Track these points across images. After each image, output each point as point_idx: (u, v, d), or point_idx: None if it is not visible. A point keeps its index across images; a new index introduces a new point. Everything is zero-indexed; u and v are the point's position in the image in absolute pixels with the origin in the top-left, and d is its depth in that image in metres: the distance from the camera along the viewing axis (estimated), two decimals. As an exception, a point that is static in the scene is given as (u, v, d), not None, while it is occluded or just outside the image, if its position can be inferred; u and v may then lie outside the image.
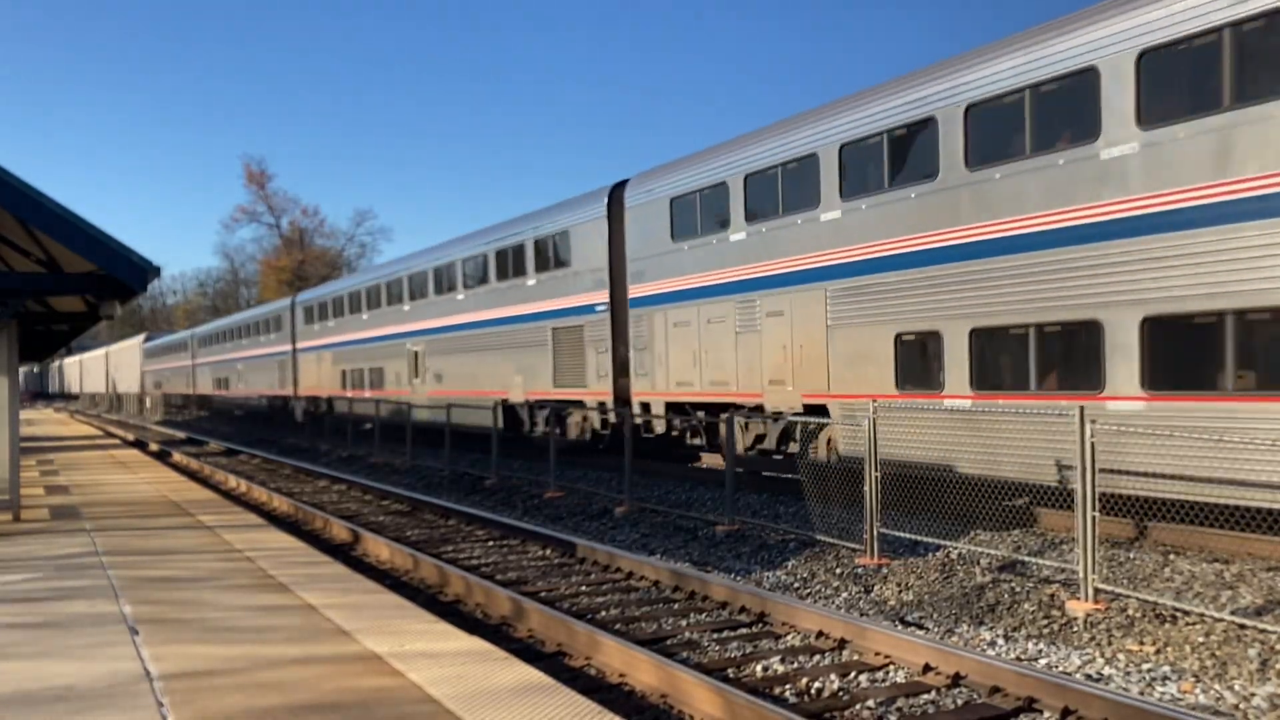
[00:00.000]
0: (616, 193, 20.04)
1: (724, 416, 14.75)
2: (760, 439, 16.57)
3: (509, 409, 23.59)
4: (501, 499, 18.13)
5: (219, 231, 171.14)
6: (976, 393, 12.42)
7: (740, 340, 16.40)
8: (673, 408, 18.44)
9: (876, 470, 11.06)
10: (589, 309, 20.64)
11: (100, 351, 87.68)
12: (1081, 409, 8.94)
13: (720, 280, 16.84)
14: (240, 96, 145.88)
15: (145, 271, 11.86)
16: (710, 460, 20.25)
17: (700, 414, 17.40)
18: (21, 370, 28.98)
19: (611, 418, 20.16)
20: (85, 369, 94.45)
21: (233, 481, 22.04)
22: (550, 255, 22.10)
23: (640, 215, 19.04)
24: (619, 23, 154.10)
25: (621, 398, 19.70)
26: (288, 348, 41.99)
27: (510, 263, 23.75)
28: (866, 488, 11.01)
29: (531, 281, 22.77)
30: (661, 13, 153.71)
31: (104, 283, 12.39)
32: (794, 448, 15.63)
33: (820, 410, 14.81)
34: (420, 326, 28.85)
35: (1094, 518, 8.65)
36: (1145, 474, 10.43)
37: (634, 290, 19.23)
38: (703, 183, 17.25)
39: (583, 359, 20.82)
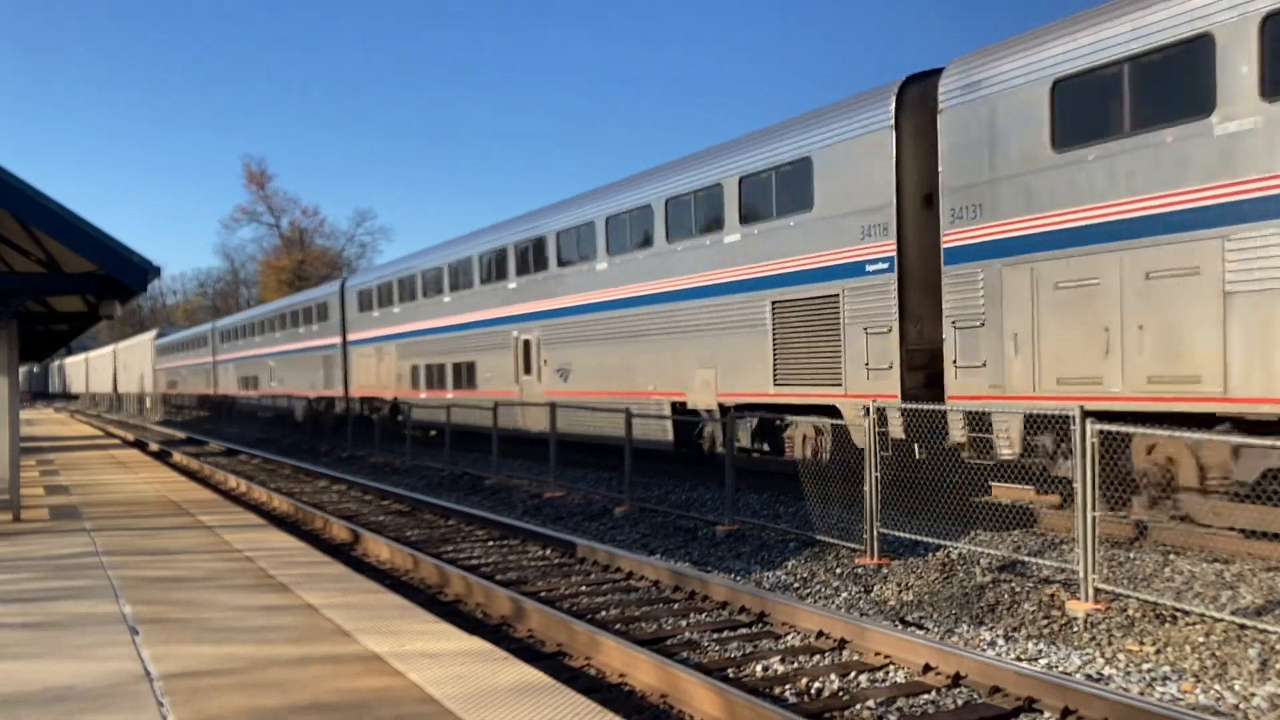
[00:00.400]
0: (914, 89, 13.74)
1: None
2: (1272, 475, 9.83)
3: (683, 420, 17.86)
4: (502, 499, 18.15)
5: (219, 231, 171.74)
6: None
7: (1234, 304, 9.86)
8: (1041, 422, 11.65)
9: (876, 470, 11.07)
10: (853, 269, 14.36)
11: (107, 349, 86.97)
12: (1081, 408, 8.93)
13: (1180, 205, 10.31)
14: (240, 96, 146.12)
15: (145, 271, 11.89)
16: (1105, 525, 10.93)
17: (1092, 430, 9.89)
18: (21, 370, 28.98)
19: (896, 431, 13.39)
20: (91, 367, 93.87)
21: (233, 481, 22.06)
22: (770, 198, 15.93)
23: (974, 118, 12.41)
24: (621, 21, 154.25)
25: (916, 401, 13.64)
26: (335, 340, 35.87)
27: (693, 214, 17.67)
28: (866, 488, 11.02)
29: (733, 237, 16.63)
30: (664, 11, 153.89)
31: (104, 283, 12.41)
32: None
33: None
34: (535, 308, 22.84)
35: (1094, 518, 8.65)
36: None
37: (955, 236, 12.74)
38: (1142, 43, 10.53)
39: (836, 344, 14.58)
